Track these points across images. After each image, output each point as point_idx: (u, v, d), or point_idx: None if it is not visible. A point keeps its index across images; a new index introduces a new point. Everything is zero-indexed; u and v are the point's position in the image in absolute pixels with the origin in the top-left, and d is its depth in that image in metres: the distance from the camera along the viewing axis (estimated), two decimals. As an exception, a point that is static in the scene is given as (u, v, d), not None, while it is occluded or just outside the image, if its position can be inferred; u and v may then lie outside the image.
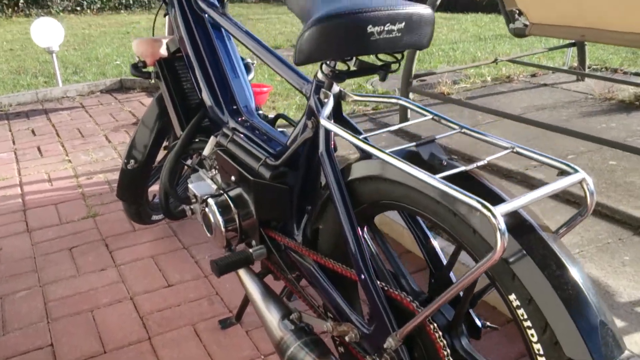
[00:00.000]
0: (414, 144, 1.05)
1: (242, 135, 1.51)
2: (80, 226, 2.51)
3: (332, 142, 1.21)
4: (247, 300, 1.77)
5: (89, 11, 10.56)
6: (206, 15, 1.68)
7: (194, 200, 1.74)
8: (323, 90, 1.23)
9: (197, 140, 1.75)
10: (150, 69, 1.81)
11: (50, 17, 4.71)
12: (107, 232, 2.45)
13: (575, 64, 4.20)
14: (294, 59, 1.13)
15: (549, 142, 3.04)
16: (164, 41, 1.81)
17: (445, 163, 1.01)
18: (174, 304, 1.95)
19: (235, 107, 1.65)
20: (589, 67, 4.31)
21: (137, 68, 1.80)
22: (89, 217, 2.59)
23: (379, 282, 1.10)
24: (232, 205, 1.54)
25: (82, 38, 7.63)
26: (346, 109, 3.73)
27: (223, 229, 1.54)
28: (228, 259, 1.45)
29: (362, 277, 1.11)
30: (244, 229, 1.54)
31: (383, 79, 1.22)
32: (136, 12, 10.75)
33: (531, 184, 2.58)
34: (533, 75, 4.42)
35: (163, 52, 1.80)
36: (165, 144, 2.14)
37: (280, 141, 1.47)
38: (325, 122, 1.13)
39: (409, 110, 3.39)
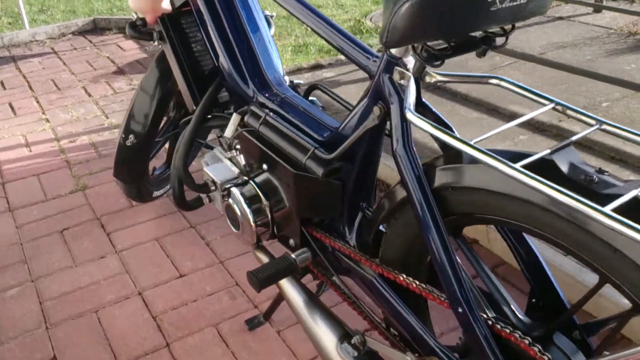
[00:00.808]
0: (547, 151, 0.79)
1: (277, 116, 1.22)
2: (69, 202, 2.22)
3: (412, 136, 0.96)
4: (279, 299, 1.53)
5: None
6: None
7: (212, 187, 1.47)
8: (399, 69, 0.95)
9: (210, 116, 1.46)
10: (153, 28, 1.48)
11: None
12: (100, 209, 2.17)
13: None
14: (381, 39, 0.85)
15: (579, 86, 2.78)
16: (167, -6, 1.48)
17: (595, 179, 0.75)
18: (189, 300, 1.70)
19: (262, 76, 1.35)
20: (606, -3, 4.00)
21: (136, 27, 1.47)
22: (78, 190, 2.29)
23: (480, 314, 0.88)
24: (262, 196, 1.28)
25: (43, -30, 6.98)
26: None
27: (253, 224, 1.29)
28: (268, 270, 1.20)
29: (460, 310, 0.88)
30: (278, 222, 1.29)
31: (482, 54, 0.94)
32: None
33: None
34: (545, 7, 4.09)
35: (166, 6, 1.47)
36: (172, 114, 1.84)
37: (328, 125, 1.19)
38: (412, 116, 0.86)
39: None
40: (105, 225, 2.07)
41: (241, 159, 1.45)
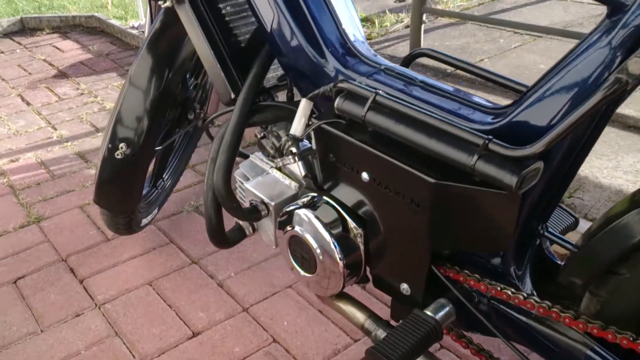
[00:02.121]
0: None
1: (395, 97, 0.78)
2: (20, 240, 1.67)
3: None
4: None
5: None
6: None
7: (264, 211, 1.00)
8: None
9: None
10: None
11: None
12: (65, 246, 1.64)
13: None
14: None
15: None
16: None
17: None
18: (215, 370, 1.22)
19: (343, 41, 0.90)
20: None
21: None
22: (31, 222, 1.75)
23: None
24: (350, 220, 0.85)
25: (-48, -29, 6.18)
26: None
27: (340, 263, 0.86)
28: (401, 343, 0.75)
29: None
30: (379, 258, 0.87)
31: None
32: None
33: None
34: (531, -12, 3.81)
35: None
36: (174, 113, 1.35)
37: (482, 105, 0.75)
38: None
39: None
40: (75, 269, 1.54)
41: (300, 168, 0.99)
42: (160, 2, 0.99)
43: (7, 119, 2.47)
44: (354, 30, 0.92)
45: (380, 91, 0.78)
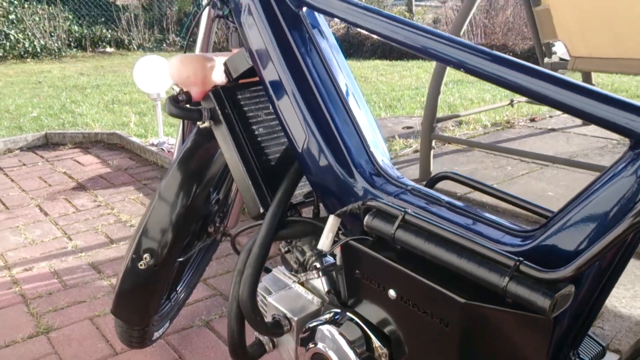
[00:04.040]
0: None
1: (423, 216, 0.81)
2: (29, 351, 1.64)
3: None
4: None
5: (-12, 60, 9.35)
6: (305, 10, 0.99)
7: (286, 326, 1.00)
8: None
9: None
10: (200, 104, 1.07)
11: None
12: (72, 358, 1.60)
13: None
14: None
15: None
16: (220, 60, 1.08)
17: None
18: None
19: (370, 161, 0.95)
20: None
21: (178, 103, 1.05)
22: (40, 333, 1.73)
23: None
24: (375, 339, 0.85)
25: (-17, 88, 6.54)
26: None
27: None
28: None
29: None
30: None
31: None
32: (44, 60, 9.65)
33: None
34: (532, 120, 3.98)
35: (219, 78, 1.07)
36: (196, 225, 1.38)
37: (509, 227, 0.78)
38: None
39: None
40: (82, 383, 1.50)
41: (324, 283, 1.01)
42: (198, 123, 1.05)
43: (24, 228, 2.51)
44: (380, 152, 0.97)
45: (409, 210, 0.81)
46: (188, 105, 1.06)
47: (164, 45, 11.81)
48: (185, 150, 1.25)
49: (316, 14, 1.02)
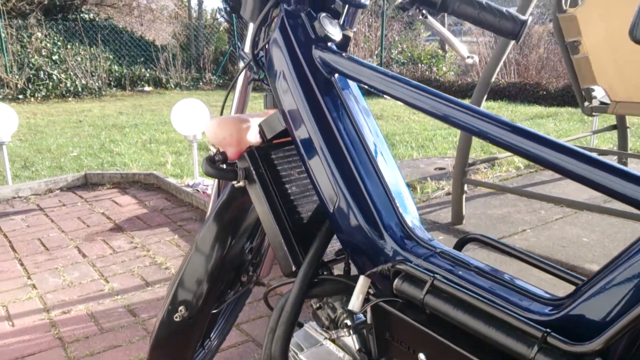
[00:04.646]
0: None
1: (452, 281, 0.82)
2: (64, 396, 1.68)
3: None
4: None
5: (32, 99, 9.72)
6: (336, 75, 1.03)
7: (317, 389, 1.01)
8: None
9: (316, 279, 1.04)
10: (236, 164, 1.11)
11: (0, 104, 3.93)
12: (108, 404, 1.63)
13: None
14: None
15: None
16: (255, 121, 1.13)
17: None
18: None
19: (400, 223, 0.96)
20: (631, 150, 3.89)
21: (214, 163, 1.10)
22: (76, 378, 1.76)
23: None
24: None
25: (27, 128, 6.79)
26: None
27: None
28: None
29: None
30: None
31: None
32: (85, 100, 10.00)
33: None
34: (567, 162, 3.94)
35: (253, 138, 1.12)
36: (243, 279, 1.42)
37: (540, 296, 0.79)
38: None
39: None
40: None
41: (355, 341, 1.02)
42: (233, 182, 1.09)
43: (62, 270, 2.58)
44: (409, 213, 0.99)
45: (438, 275, 0.82)
46: (224, 165, 1.11)
47: (201, 83, 12.12)
48: (221, 204, 1.29)
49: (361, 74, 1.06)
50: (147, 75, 11.60)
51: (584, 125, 5.67)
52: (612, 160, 2.73)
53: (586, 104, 2.75)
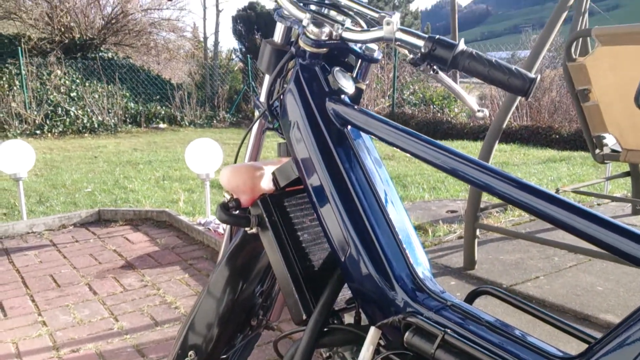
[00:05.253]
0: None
1: (462, 336, 0.82)
2: None
3: None
4: None
5: (49, 135, 9.88)
6: (349, 127, 1.05)
7: None
8: None
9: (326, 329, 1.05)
10: (249, 211, 1.12)
11: (18, 140, 4.01)
12: None
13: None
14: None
15: (667, 291, 2.44)
16: (269, 169, 1.15)
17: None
18: None
19: (411, 274, 0.97)
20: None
21: (228, 210, 1.11)
22: (83, 419, 1.75)
23: None
24: None
25: (43, 163, 6.89)
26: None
27: None
28: None
29: None
30: None
31: None
32: (101, 136, 10.15)
33: None
34: (580, 207, 3.92)
35: (267, 185, 1.14)
36: (253, 322, 1.41)
37: (551, 354, 0.79)
38: None
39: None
40: None
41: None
42: (247, 229, 1.10)
43: (73, 307, 2.59)
44: (420, 264, 0.99)
45: (449, 330, 0.82)
46: (237, 211, 1.12)
47: (214, 121, 12.28)
48: (233, 248, 1.30)
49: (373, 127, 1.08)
50: (162, 112, 11.79)
51: (597, 170, 5.66)
52: (626, 207, 2.71)
53: (597, 151, 2.75)
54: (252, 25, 16.94)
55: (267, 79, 1.24)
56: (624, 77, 2.39)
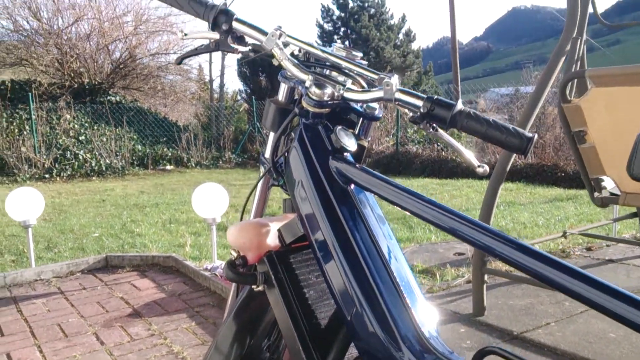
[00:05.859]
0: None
1: None
2: None
3: None
4: None
5: (58, 178, 9.97)
6: (352, 186, 1.07)
7: None
8: None
9: None
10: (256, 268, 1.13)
11: (27, 187, 4.06)
12: None
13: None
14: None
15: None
16: (274, 225, 1.16)
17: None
18: None
19: (416, 333, 0.97)
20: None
21: (235, 268, 1.13)
22: None
23: None
24: None
25: (52, 208, 6.93)
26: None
27: None
28: None
29: None
30: None
31: None
32: (109, 178, 10.23)
33: None
34: (588, 249, 3.90)
35: (273, 242, 1.15)
36: None
37: None
38: None
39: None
40: None
41: None
42: (253, 287, 1.11)
43: (80, 358, 2.57)
44: (428, 325, 1.00)
45: (456, 394, 0.82)
46: (244, 269, 1.13)
47: (220, 162, 12.37)
48: (240, 304, 1.30)
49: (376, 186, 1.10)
50: (169, 154, 11.90)
51: (604, 210, 5.64)
52: (636, 248, 2.68)
53: (596, 194, 2.75)
54: (256, 67, 17.25)
55: (271, 136, 1.26)
56: (620, 118, 2.40)
